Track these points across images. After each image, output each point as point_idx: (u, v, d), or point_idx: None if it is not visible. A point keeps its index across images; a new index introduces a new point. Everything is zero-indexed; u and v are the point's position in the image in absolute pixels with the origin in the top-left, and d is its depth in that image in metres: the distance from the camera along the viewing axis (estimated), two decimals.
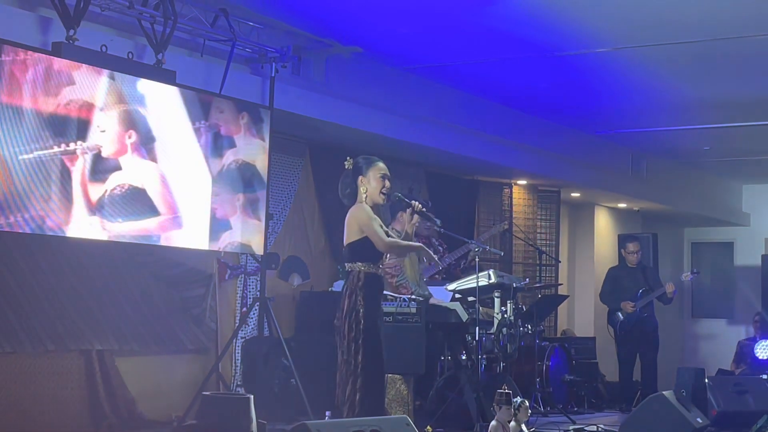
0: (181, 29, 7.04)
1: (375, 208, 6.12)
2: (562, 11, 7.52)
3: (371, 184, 6.09)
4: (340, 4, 7.45)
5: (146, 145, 6.88)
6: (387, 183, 6.14)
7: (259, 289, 8.20)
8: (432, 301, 8.03)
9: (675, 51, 8.46)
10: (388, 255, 7.49)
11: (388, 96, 9.28)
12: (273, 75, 7.85)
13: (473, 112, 10.44)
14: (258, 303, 8.06)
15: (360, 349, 5.92)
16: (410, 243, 6.26)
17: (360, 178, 6.11)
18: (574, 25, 7.86)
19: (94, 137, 6.46)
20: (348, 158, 6.17)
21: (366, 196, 6.10)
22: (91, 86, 6.41)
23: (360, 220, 6.00)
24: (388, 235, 6.08)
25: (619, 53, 8.62)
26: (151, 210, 6.86)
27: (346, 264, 6.12)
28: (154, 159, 6.93)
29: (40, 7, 6.45)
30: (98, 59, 6.43)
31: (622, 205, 14.47)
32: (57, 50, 6.19)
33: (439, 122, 9.87)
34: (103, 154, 6.52)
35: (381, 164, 6.17)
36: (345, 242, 6.08)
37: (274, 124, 7.86)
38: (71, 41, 6.20)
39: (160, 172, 6.99)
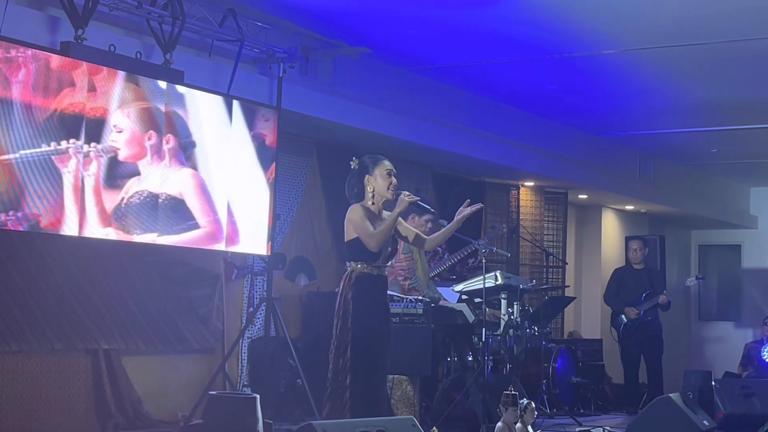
0: (190, 29, 7.06)
1: (384, 205, 6.14)
2: (570, 13, 7.51)
3: (378, 182, 6.11)
4: (349, 4, 7.46)
5: (185, 151, 7.05)
6: (394, 179, 6.15)
7: (265, 289, 8.21)
8: (441, 302, 8.04)
9: (683, 53, 8.45)
10: (397, 256, 7.56)
11: (396, 97, 9.28)
12: (281, 75, 7.86)
13: (481, 114, 10.43)
14: (265, 303, 8.07)
15: (348, 349, 5.95)
16: (388, 221, 6.03)
17: (366, 177, 6.13)
18: (581, 27, 7.85)
19: (115, 141, 6.59)
20: (354, 158, 6.20)
21: (373, 195, 6.11)
22: (110, 90, 6.51)
23: (352, 220, 6.04)
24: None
25: (626, 55, 8.61)
26: (185, 219, 7.08)
27: (345, 262, 6.17)
28: (194, 166, 7.14)
29: (49, 7, 6.47)
30: (106, 59, 6.44)
31: (629, 208, 14.45)
32: (65, 50, 6.21)
33: (446, 123, 9.87)
34: (120, 158, 6.62)
35: (386, 162, 6.19)
36: (344, 241, 6.13)
37: (282, 124, 7.87)
38: (79, 41, 6.22)
39: (200, 180, 7.20)
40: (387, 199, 6.13)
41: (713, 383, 8.37)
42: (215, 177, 7.33)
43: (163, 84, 6.85)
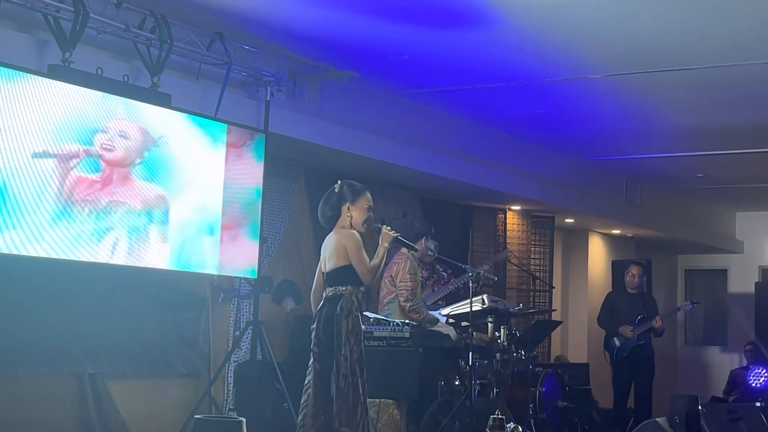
0: (177, 52, 7.06)
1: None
2: (557, 38, 7.54)
3: (357, 214, 6.23)
4: (336, 29, 7.48)
5: (174, 174, 7.09)
6: (371, 215, 6.29)
7: (252, 312, 8.18)
8: (438, 325, 8.06)
9: (669, 78, 8.49)
10: (399, 276, 7.62)
11: (383, 121, 9.30)
12: (268, 99, 7.87)
13: (468, 138, 10.46)
14: (251, 327, 8.05)
15: (364, 370, 6.04)
16: (381, 258, 6.19)
17: (348, 205, 6.21)
18: (568, 52, 7.89)
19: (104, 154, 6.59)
20: (339, 182, 6.26)
21: (351, 224, 6.21)
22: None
23: (350, 247, 6.10)
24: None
25: (613, 80, 8.65)
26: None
27: (333, 288, 6.14)
28: (182, 189, 7.16)
29: (36, 30, 6.47)
30: (93, 82, 6.45)
31: (615, 232, 14.48)
32: (53, 72, 6.21)
33: (433, 147, 9.89)
34: (107, 178, 6.60)
35: (369, 195, 6.31)
36: (333, 266, 6.15)
37: (269, 147, 7.87)
38: (67, 64, 6.22)
39: (191, 203, 7.23)
40: (360, 232, 6.24)
41: (700, 408, 8.35)
42: (203, 200, 7.33)
43: (150, 106, 6.87)
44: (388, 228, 6.23)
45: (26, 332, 6.76)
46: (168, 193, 7.09)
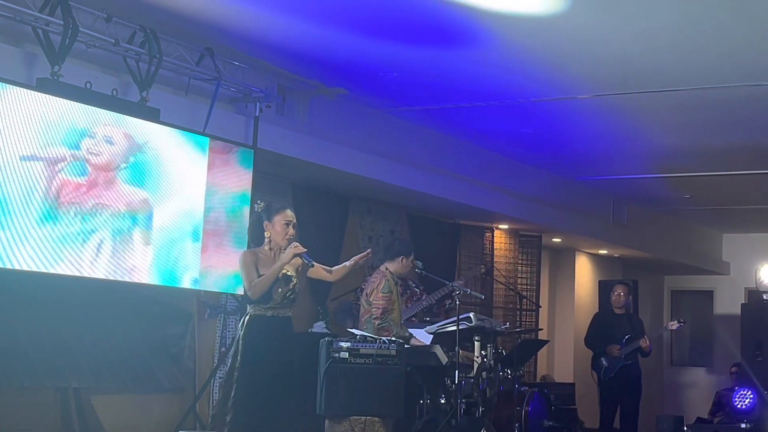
0: (166, 67, 7.06)
1: (279, 252, 6.41)
2: (545, 58, 7.57)
3: (275, 230, 6.41)
4: (326, 46, 7.49)
5: (160, 187, 7.10)
6: (291, 230, 6.43)
7: (238, 328, 8.15)
8: (412, 341, 8.03)
9: (656, 99, 8.52)
10: (373, 294, 7.62)
11: (372, 138, 9.31)
12: (257, 114, 7.87)
13: (456, 156, 10.48)
14: None
15: (233, 387, 6.26)
16: (269, 273, 6.27)
17: (265, 223, 6.42)
18: (556, 72, 7.91)
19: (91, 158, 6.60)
20: (259, 202, 6.53)
21: (270, 241, 6.40)
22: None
23: (241, 266, 6.36)
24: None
25: (601, 100, 8.68)
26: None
27: None
28: (168, 202, 7.17)
29: (26, 43, 6.46)
30: (82, 96, 6.44)
31: (602, 252, 14.50)
32: (41, 86, 6.21)
33: (421, 165, 9.91)
34: (92, 187, 6.59)
35: (289, 212, 6.48)
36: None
37: (258, 163, 7.87)
38: (56, 77, 6.22)
39: (176, 217, 7.24)
40: (282, 247, 6.37)
41: (685, 428, 8.37)
42: (187, 205, 7.33)
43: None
44: (296, 245, 6.32)
45: (10, 345, 6.72)
46: (152, 197, 7.08)
